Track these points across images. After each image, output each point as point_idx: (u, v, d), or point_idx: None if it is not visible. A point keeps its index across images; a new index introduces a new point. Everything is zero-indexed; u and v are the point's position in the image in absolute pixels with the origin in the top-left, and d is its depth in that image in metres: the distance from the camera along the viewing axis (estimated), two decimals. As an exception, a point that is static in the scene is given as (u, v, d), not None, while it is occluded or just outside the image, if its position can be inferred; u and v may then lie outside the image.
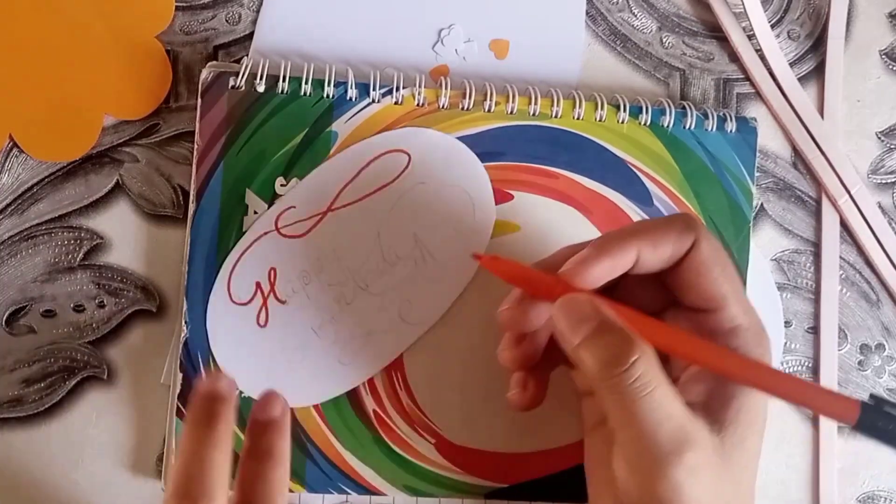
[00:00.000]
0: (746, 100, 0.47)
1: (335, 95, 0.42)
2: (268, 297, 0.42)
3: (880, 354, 0.48)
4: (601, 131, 0.44)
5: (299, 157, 0.42)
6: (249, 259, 0.42)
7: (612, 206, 0.44)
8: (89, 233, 0.43)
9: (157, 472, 0.43)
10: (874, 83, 0.48)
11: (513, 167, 0.44)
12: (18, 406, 0.42)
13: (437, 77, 0.45)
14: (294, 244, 0.42)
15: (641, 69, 0.47)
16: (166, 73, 0.43)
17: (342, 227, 0.42)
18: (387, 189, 0.43)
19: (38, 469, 0.42)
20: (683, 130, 0.45)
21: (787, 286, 0.47)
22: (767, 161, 0.47)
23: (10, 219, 0.43)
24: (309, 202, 0.42)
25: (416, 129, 0.43)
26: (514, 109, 0.43)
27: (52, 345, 0.43)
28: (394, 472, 0.43)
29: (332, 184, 0.42)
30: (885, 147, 0.48)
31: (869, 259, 0.47)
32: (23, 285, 0.42)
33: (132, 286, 0.43)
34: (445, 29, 0.46)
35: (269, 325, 0.42)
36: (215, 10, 0.44)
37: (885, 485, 0.47)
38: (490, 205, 0.43)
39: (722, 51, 0.47)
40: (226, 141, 0.42)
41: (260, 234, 0.42)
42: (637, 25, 0.47)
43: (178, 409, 0.41)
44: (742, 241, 0.45)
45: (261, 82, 0.42)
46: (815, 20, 0.48)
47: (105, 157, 0.43)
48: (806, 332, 0.47)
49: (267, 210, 0.42)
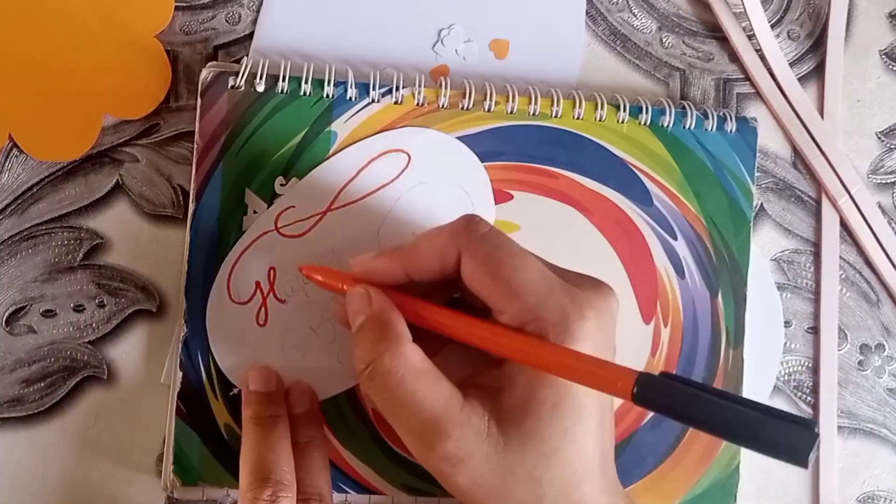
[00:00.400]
0: (746, 100, 0.47)
1: (335, 95, 0.42)
2: (267, 297, 0.42)
3: (880, 354, 0.48)
4: (601, 131, 0.44)
5: (299, 156, 0.42)
6: (249, 258, 0.42)
7: (611, 205, 0.44)
8: (89, 233, 0.43)
9: (157, 472, 0.43)
10: (874, 83, 0.48)
11: (512, 167, 0.44)
12: (18, 406, 0.42)
13: (437, 77, 0.45)
14: (294, 244, 0.42)
15: (641, 69, 0.47)
16: (166, 73, 0.43)
17: (342, 227, 0.42)
18: (386, 189, 0.43)
19: (38, 469, 0.42)
20: (683, 130, 0.45)
21: (787, 286, 0.47)
22: (767, 161, 0.47)
23: (10, 219, 0.43)
24: (308, 202, 0.42)
25: (416, 129, 0.43)
26: (513, 109, 0.43)
27: (52, 345, 0.43)
28: (393, 471, 0.43)
29: (332, 183, 0.42)
30: (885, 147, 0.48)
31: (869, 259, 0.47)
32: (23, 285, 0.42)
33: (132, 286, 0.43)
34: (445, 29, 0.46)
35: (269, 325, 0.42)
36: (215, 10, 0.44)
37: (885, 485, 0.47)
38: (489, 205, 0.43)
39: (722, 51, 0.47)
40: (225, 141, 0.42)
41: (259, 234, 0.42)
42: (637, 25, 0.47)
43: (178, 408, 0.41)
44: (742, 241, 0.45)
45: (260, 82, 0.42)
46: (815, 20, 0.48)
47: (105, 157, 0.43)
48: (806, 332, 0.47)
49: (266, 209, 0.42)
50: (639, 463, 0.44)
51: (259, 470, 0.37)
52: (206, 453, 0.42)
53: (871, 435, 0.47)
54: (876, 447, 0.47)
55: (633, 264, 0.44)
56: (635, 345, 0.44)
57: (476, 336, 0.36)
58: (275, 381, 0.41)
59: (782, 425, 0.29)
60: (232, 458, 0.41)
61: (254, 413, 0.39)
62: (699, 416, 0.31)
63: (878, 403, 0.47)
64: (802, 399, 0.47)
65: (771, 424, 0.30)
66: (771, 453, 0.30)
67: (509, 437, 0.35)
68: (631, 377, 0.32)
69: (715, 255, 0.45)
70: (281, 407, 0.40)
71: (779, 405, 0.47)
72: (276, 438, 0.38)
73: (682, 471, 0.44)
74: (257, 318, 0.42)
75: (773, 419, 0.30)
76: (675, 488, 0.44)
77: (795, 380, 0.47)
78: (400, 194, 0.43)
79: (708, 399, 0.31)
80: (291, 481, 0.37)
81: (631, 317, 0.44)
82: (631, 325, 0.44)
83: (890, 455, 0.47)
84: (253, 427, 0.39)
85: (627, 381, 0.32)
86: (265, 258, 0.42)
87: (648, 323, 0.44)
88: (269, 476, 0.37)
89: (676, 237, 0.45)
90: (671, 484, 0.44)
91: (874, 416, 0.47)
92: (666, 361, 0.44)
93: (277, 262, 0.42)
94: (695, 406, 0.31)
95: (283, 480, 0.37)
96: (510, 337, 0.35)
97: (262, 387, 0.40)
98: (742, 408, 0.30)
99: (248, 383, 0.41)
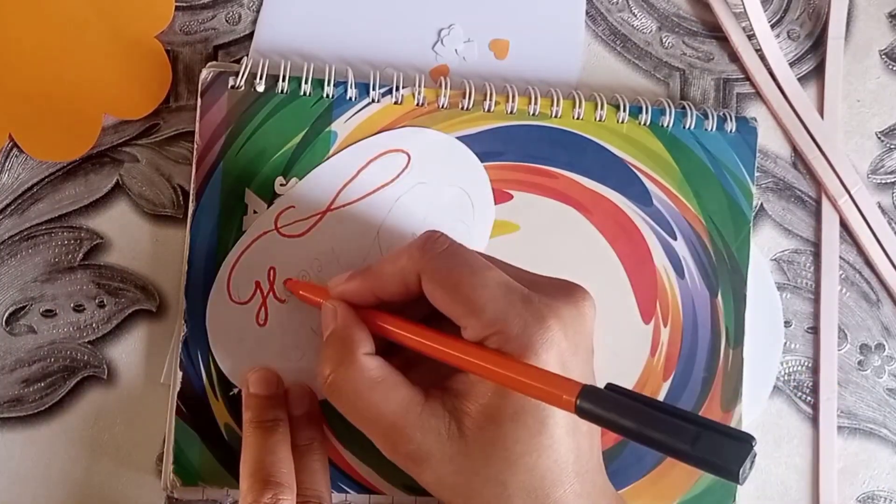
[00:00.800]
0: (746, 100, 0.47)
1: (335, 95, 0.42)
2: (267, 297, 0.42)
3: (880, 354, 0.48)
4: (601, 131, 0.44)
5: (299, 156, 0.42)
6: (249, 258, 0.42)
7: (611, 205, 0.44)
8: (89, 233, 0.43)
9: (157, 472, 0.43)
10: (874, 83, 0.48)
11: (512, 167, 0.44)
12: (18, 406, 0.42)
13: (437, 77, 0.45)
14: (293, 243, 0.42)
15: (641, 69, 0.47)
16: (166, 73, 0.43)
17: (341, 227, 0.42)
18: (386, 189, 0.43)
19: (38, 469, 0.42)
20: (683, 130, 0.45)
21: (787, 286, 0.47)
22: (767, 161, 0.47)
23: (10, 219, 0.43)
24: (308, 202, 0.42)
25: (416, 129, 0.43)
26: (513, 109, 0.43)
27: (52, 345, 0.43)
28: (393, 471, 0.42)
29: (332, 183, 0.42)
30: (885, 147, 0.48)
31: (869, 259, 0.47)
32: (23, 285, 0.42)
33: (132, 286, 0.43)
34: (445, 29, 0.46)
35: (269, 325, 0.42)
36: (215, 10, 0.44)
37: (884, 485, 0.47)
38: (489, 205, 0.43)
39: (722, 51, 0.47)
40: (225, 141, 0.42)
41: (259, 234, 0.42)
42: (637, 25, 0.47)
43: (178, 408, 0.41)
44: (742, 241, 0.45)
45: (260, 82, 0.42)
46: (814, 20, 0.48)
47: (105, 156, 0.43)
48: (806, 331, 0.47)
49: (266, 209, 0.42)
50: (637, 463, 0.44)
51: (259, 473, 0.37)
52: (206, 453, 0.42)
53: (871, 435, 0.47)
54: (876, 447, 0.47)
55: (632, 264, 0.44)
56: (635, 344, 0.44)
57: (433, 350, 0.37)
58: (275, 383, 0.41)
59: (717, 439, 0.29)
60: (232, 458, 0.41)
61: (254, 416, 0.40)
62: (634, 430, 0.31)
63: (878, 403, 0.47)
64: (802, 399, 0.47)
65: (705, 439, 0.29)
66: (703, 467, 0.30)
67: (472, 440, 0.35)
68: (574, 390, 0.32)
69: (715, 255, 0.45)
70: (281, 409, 0.40)
71: (779, 405, 0.47)
72: (275, 442, 0.39)
73: (680, 471, 0.44)
74: (257, 318, 0.42)
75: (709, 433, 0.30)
76: (674, 488, 0.44)
77: (795, 380, 0.47)
78: (400, 194, 0.43)
79: (645, 412, 0.31)
80: (291, 484, 0.37)
81: (630, 317, 0.44)
82: (630, 324, 0.44)
83: (890, 455, 0.47)
84: (253, 430, 0.39)
85: (571, 393, 0.32)
86: (265, 258, 0.42)
87: (648, 323, 0.44)
88: (269, 479, 0.37)
89: (676, 237, 0.45)
90: (670, 484, 0.44)
91: (874, 416, 0.47)
92: (665, 361, 0.44)
93: (277, 262, 0.42)
94: (631, 419, 0.31)
95: (284, 483, 0.37)
96: (463, 351, 0.36)
97: (263, 389, 0.40)
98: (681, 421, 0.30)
99: (249, 385, 0.41)
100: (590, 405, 0.31)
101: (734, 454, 0.29)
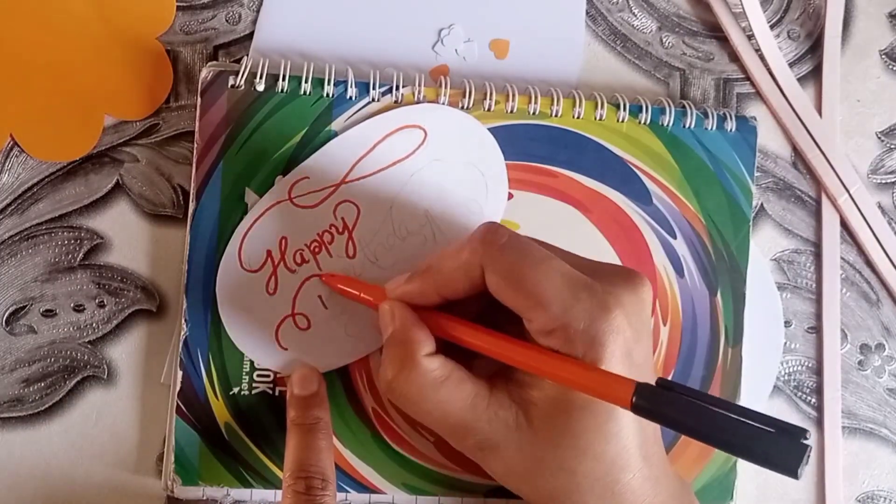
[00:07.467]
0: (746, 99, 0.47)
1: (335, 94, 0.42)
2: (278, 266, 0.42)
3: (880, 354, 0.48)
4: (601, 130, 0.44)
5: (299, 156, 0.42)
6: (261, 227, 0.42)
7: (611, 204, 0.44)
8: (89, 233, 0.43)
9: (157, 472, 0.43)
10: (874, 83, 0.48)
11: (512, 166, 0.44)
12: (18, 406, 0.42)
13: (437, 77, 0.45)
14: (306, 214, 0.42)
15: (641, 69, 0.47)
16: (167, 73, 0.43)
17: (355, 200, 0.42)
18: (401, 164, 0.43)
19: (38, 469, 0.42)
20: (683, 129, 0.45)
21: (787, 286, 0.47)
22: (767, 161, 0.47)
23: (10, 219, 0.43)
24: (323, 174, 0.42)
25: (434, 106, 0.43)
26: (513, 108, 0.43)
27: (52, 345, 0.43)
28: (393, 470, 0.43)
29: (347, 157, 0.42)
30: (885, 147, 0.48)
31: (869, 259, 0.47)
32: (23, 285, 0.43)
33: (132, 286, 0.43)
34: (445, 29, 0.46)
35: (278, 293, 0.42)
36: (215, 10, 0.44)
37: (884, 485, 0.47)
38: (503, 186, 0.43)
39: (722, 51, 0.48)
40: (225, 140, 0.42)
41: (273, 203, 0.42)
42: (637, 25, 0.47)
43: (178, 408, 0.41)
44: (742, 241, 0.45)
45: (260, 81, 0.42)
46: (814, 20, 0.48)
47: (105, 156, 0.43)
48: (806, 332, 0.47)
49: (282, 178, 0.42)
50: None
51: (301, 469, 0.38)
52: (206, 453, 0.42)
53: (871, 435, 0.47)
54: (876, 447, 0.47)
55: (632, 263, 0.44)
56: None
57: (490, 350, 0.37)
58: (316, 381, 0.41)
59: (775, 438, 0.30)
60: (232, 458, 0.41)
61: (296, 416, 0.40)
62: (694, 427, 0.32)
63: (878, 403, 0.47)
64: (802, 399, 0.47)
65: (764, 437, 0.30)
66: (763, 465, 0.30)
67: (540, 430, 0.36)
68: (629, 388, 0.32)
69: (714, 254, 0.45)
70: (323, 409, 0.41)
71: (779, 405, 0.47)
72: (318, 440, 0.39)
73: (679, 468, 0.44)
74: (267, 287, 0.42)
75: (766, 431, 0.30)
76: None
77: (795, 380, 0.47)
78: (415, 170, 0.43)
79: (703, 409, 0.32)
80: (332, 478, 0.39)
81: (631, 316, 0.44)
82: (631, 324, 0.44)
83: (890, 455, 0.47)
84: (296, 430, 0.40)
85: (627, 391, 0.33)
86: (277, 227, 0.42)
87: (648, 322, 0.44)
88: (311, 476, 0.38)
89: (676, 236, 0.45)
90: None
91: (874, 416, 0.47)
92: (665, 359, 0.44)
93: (289, 232, 0.42)
94: (691, 417, 0.32)
95: (327, 479, 0.38)
96: (517, 351, 0.36)
97: (305, 390, 0.41)
98: (736, 417, 0.31)
99: (292, 387, 0.41)
100: (646, 402, 0.32)
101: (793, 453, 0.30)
